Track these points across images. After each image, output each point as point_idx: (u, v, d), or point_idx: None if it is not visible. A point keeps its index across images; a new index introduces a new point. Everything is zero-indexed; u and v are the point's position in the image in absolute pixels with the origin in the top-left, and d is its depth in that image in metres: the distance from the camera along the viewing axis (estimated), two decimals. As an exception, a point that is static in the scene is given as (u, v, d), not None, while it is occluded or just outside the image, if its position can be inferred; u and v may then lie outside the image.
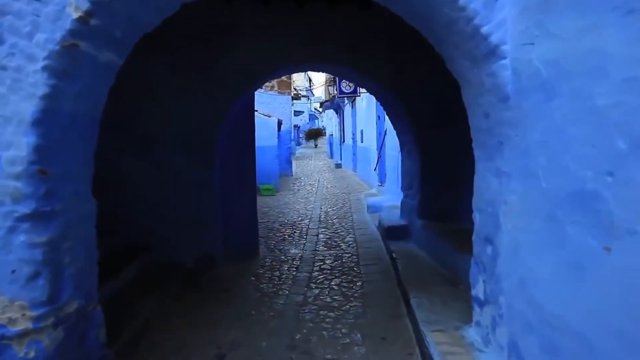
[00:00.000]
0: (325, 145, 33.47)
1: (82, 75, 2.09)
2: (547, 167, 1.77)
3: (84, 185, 2.39)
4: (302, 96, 34.62)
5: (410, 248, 5.24)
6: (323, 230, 7.27)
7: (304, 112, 37.15)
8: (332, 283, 4.61)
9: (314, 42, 5.11)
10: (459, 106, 5.18)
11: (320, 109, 36.12)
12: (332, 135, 26.91)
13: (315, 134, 37.79)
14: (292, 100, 21.51)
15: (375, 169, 10.97)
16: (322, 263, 5.38)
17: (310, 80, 42.09)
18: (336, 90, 15.41)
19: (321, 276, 4.86)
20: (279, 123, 13.56)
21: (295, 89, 28.29)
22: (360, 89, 12.58)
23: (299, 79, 34.44)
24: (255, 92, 16.09)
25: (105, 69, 2.30)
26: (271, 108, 14.88)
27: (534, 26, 1.80)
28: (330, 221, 8.00)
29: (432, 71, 5.26)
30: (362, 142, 13.92)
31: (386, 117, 9.39)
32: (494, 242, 2.36)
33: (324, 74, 29.13)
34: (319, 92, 38.12)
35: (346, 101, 17.24)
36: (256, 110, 12.43)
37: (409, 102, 5.36)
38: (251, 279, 4.76)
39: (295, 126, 31.61)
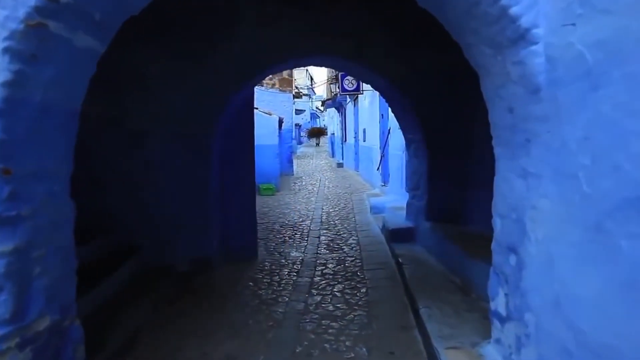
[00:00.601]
0: (327, 144, 33.20)
1: (54, 61, 1.83)
2: (591, 168, 1.51)
3: (60, 185, 2.13)
4: (304, 95, 34.36)
5: (417, 252, 4.98)
6: (325, 232, 7.01)
7: (305, 110, 36.88)
8: (334, 289, 4.36)
9: (317, 33, 4.85)
10: (471, 102, 4.94)
11: (322, 108, 35.87)
12: (333, 134, 26.65)
13: (317, 133, 37.77)
14: (294, 98, 21.25)
15: (378, 168, 10.71)
16: (324, 267, 5.12)
17: (311, 78, 41.83)
18: (338, 88, 15.13)
19: (323, 282, 4.61)
20: (280, 121, 13.30)
21: (296, 87, 28.03)
22: (363, 86, 12.32)
23: (300, 77, 34.17)
24: (256, 90, 15.83)
25: (83, 55, 2.04)
26: (272, 106, 14.63)
27: (576, 3, 1.54)
28: (332, 222, 7.75)
29: (443, 66, 5.02)
30: (364, 141, 13.66)
31: (390, 116, 9.14)
32: (519, 251, 2.10)
33: (326, 71, 28.84)
34: (321, 90, 37.87)
35: (348, 99, 16.97)
36: (256, 108, 12.19)
37: (418, 99, 5.10)
38: (249, 284, 4.51)
39: (296, 125, 31.36)
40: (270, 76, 16.65)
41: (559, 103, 1.73)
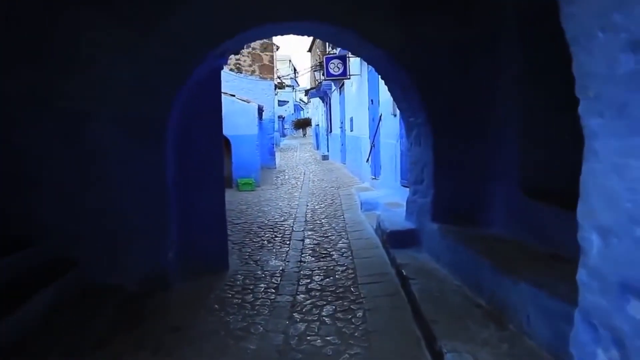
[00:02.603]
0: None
1: None
2: None
3: None
4: (287, 86, 33.27)
5: (423, 261, 4.06)
6: (310, 233, 6.06)
7: (288, 102, 35.79)
8: (323, 313, 3.42)
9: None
10: (489, 77, 4.02)
11: (306, 99, 34.82)
12: (318, 125, 25.62)
13: (303, 124, 38.24)
14: (276, 89, 20.19)
15: (367, 160, 9.78)
16: (309, 280, 4.18)
17: (295, 70, 40.73)
18: (323, 74, 14.14)
19: (308, 301, 3.66)
20: (260, 110, 12.26)
21: (279, 77, 26.92)
22: (350, 71, 11.36)
23: (283, 67, 33.09)
24: (234, 76, 14.67)
25: None
26: (251, 94, 13.54)
27: None
28: (318, 221, 6.79)
29: (452, 36, 4.09)
30: (351, 130, 12.70)
31: (381, 101, 8.21)
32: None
33: (310, 60, 27.77)
34: (305, 82, 36.86)
35: (333, 87, 15.97)
36: (233, 95, 11.15)
37: (422, 74, 4.16)
38: (214, 307, 3.54)
39: (279, 117, 30.24)
40: (250, 62, 15.58)
41: None
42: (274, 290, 3.92)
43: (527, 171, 3.41)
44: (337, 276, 4.24)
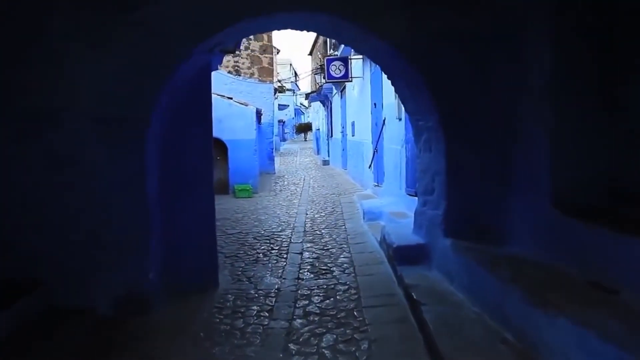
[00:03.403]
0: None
1: None
2: None
3: None
4: (287, 89, 32.90)
5: (435, 281, 3.63)
6: (309, 245, 5.61)
7: (288, 105, 35.40)
8: (322, 344, 2.97)
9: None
10: (509, 68, 3.55)
11: (307, 104, 34.45)
12: (318, 129, 25.21)
13: (305, 128, 38.71)
14: (277, 92, 19.79)
15: (370, 166, 9.35)
16: (307, 301, 3.74)
17: (295, 73, 40.40)
18: (324, 77, 13.74)
19: (305, 328, 3.22)
20: (259, 113, 11.83)
21: (279, 81, 26.53)
22: (352, 73, 10.95)
23: (283, 71, 32.72)
24: (232, 79, 14.19)
25: None
26: (250, 97, 13.14)
27: None
28: (317, 232, 6.35)
29: (461, 30, 3.68)
30: (353, 135, 12.28)
31: (385, 104, 7.80)
32: None
33: (311, 63, 27.44)
34: (305, 86, 36.49)
35: (334, 90, 15.57)
36: (230, 98, 10.74)
37: (431, 69, 3.73)
38: (198, 336, 3.09)
39: (280, 121, 29.84)
40: (249, 65, 15.19)
41: None
42: (267, 314, 3.48)
43: (559, 182, 2.97)
44: (338, 297, 3.80)
